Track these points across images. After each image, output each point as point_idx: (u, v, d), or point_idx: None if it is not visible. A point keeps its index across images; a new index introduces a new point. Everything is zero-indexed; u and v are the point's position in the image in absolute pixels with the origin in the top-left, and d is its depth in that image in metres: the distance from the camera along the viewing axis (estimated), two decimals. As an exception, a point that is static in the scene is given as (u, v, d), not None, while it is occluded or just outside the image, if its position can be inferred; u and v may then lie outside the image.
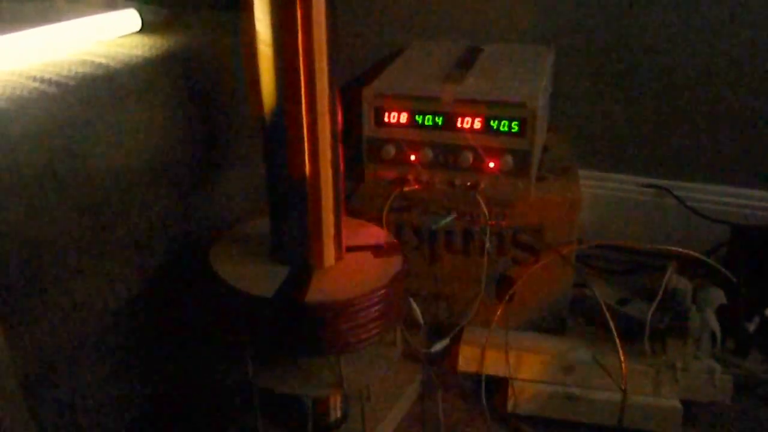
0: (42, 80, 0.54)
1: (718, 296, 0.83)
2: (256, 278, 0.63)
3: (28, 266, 0.50)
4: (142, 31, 0.72)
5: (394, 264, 0.66)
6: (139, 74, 0.63)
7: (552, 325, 0.90)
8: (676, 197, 1.09)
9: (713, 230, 1.03)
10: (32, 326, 0.51)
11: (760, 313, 0.85)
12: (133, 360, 0.64)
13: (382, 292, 0.63)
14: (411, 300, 0.84)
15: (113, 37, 0.69)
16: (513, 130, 0.82)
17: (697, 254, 0.87)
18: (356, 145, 0.87)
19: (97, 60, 0.61)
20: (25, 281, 0.50)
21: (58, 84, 0.54)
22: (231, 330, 0.65)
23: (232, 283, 0.62)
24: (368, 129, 0.86)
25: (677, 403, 0.77)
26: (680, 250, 0.87)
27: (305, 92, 0.58)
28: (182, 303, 0.69)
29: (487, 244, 0.85)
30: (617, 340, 0.76)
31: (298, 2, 0.56)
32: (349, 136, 0.72)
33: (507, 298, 0.86)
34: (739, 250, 0.95)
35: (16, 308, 0.49)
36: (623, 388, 0.75)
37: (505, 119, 0.82)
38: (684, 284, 0.82)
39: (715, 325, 0.79)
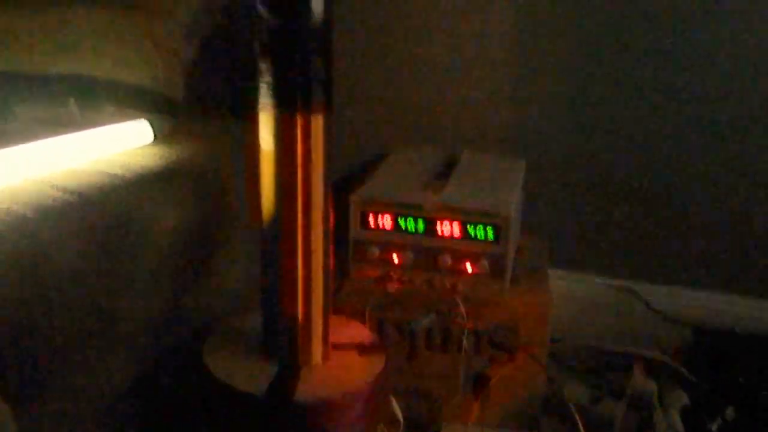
0: (64, 190, 0.60)
1: (681, 397, 0.87)
2: (247, 374, 0.66)
3: (39, 355, 0.54)
4: (153, 141, 0.78)
5: (377, 363, 0.70)
6: (150, 184, 0.68)
7: (526, 422, 0.93)
8: (642, 299, 1.15)
9: (677, 331, 1.09)
10: (38, 410, 0.54)
11: (721, 413, 0.90)
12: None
13: (367, 391, 0.66)
14: (391, 397, 0.87)
15: (127, 147, 0.75)
16: (489, 236, 0.89)
17: (661, 356, 0.92)
18: (341, 241, 0.92)
19: (113, 171, 0.67)
20: (35, 369, 0.54)
21: (79, 194, 0.60)
22: (221, 425, 0.67)
23: (224, 380, 0.65)
24: (354, 232, 0.92)
25: (646, 503, 0.80)
26: (645, 353, 0.92)
27: (301, 201, 0.64)
28: (176, 396, 0.72)
29: (465, 343, 0.89)
30: (586, 440, 0.80)
31: (298, 125, 0.63)
32: (334, 232, 0.77)
33: (483, 395, 0.89)
34: (700, 353, 1.00)
35: (25, 392, 0.52)
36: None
37: (481, 226, 0.89)
38: (650, 386, 0.87)
39: (679, 426, 0.83)
